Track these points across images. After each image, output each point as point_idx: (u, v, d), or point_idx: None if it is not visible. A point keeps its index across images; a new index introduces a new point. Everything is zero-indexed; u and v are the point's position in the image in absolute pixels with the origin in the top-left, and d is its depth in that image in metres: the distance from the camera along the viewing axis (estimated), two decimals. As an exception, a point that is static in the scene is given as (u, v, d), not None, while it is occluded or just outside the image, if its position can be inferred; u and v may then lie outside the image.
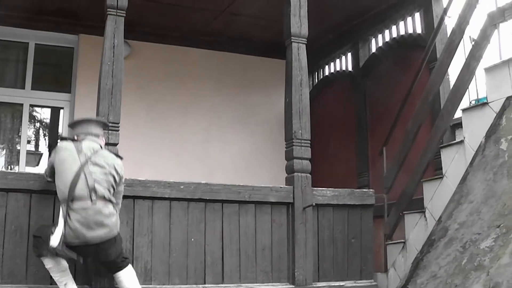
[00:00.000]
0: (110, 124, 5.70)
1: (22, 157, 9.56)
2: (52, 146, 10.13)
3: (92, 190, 4.99)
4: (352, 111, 9.31)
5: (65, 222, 4.93)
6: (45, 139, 10.50)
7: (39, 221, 5.43)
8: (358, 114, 9.21)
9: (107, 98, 5.77)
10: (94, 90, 6.07)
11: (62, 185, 5.04)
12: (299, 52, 6.59)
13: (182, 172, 7.78)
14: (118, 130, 5.77)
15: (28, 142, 9.85)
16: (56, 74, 10.23)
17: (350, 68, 9.87)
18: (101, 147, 5.37)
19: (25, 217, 5.42)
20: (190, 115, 9.75)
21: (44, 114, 10.50)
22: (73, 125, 5.56)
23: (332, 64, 10.48)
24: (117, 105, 5.79)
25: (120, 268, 5.16)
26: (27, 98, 9.50)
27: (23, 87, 9.43)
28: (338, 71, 10.24)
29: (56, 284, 5.25)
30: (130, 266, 5.24)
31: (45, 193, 5.47)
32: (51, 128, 10.39)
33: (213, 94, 10.08)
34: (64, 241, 4.89)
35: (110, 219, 5.04)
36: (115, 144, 5.72)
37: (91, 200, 4.97)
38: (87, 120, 5.45)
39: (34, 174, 5.60)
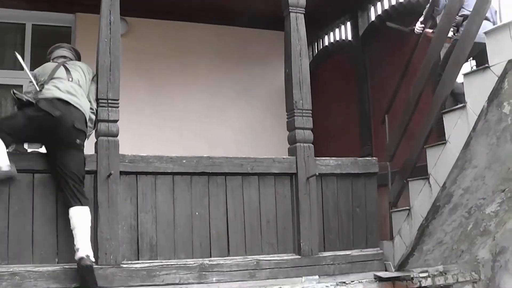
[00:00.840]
0: (110, 101, 5.66)
1: (23, 139, 9.51)
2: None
3: (69, 75, 5.55)
4: (353, 81, 9.21)
5: (37, 101, 5.33)
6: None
7: (43, 201, 5.40)
8: (359, 83, 9.12)
9: (106, 75, 5.70)
10: (92, 69, 6.03)
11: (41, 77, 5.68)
12: (298, 22, 6.47)
13: (184, 148, 7.70)
14: (118, 107, 5.70)
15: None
16: None
17: (349, 38, 9.74)
18: None
19: (29, 197, 5.38)
20: (190, 90, 9.68)
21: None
22: (49, 53, 6.08)
23: (331, 34, 10.36)
24: (115, 82, 5.72)
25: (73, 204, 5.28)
26: (27, 79, 9.39)
27: (21, 69, 9.33)
28: (337, 41, 10.12)
29: (61, 263, 5.32)
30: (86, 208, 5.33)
31: (48, 172, 5.43)
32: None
33: (212, 69, 10.00)
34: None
35: (84, 106, 5.45)
36: (116, 121, 5.66)
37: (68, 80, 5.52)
38: (58, 45, 6.08)
39: (37, 154, 5.53)
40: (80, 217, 5.28)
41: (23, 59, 8.29)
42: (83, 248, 5.20)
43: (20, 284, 5.16)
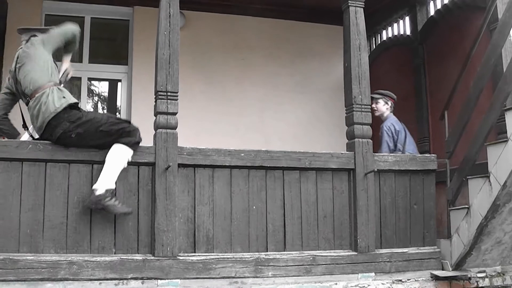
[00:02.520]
0: (169, 94, 5.58)
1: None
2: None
3: (26, 88, 5.42)
4: (410, 76, 8.96)
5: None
6: (104, 112, 10.42)
7: (101, 191, 5.35)
8: (416, 79, 8.86)
9: (165, 68, 5.61)
10: (150, 62, 6.00)
11: None
12: (357, 16, 6.28)
13: (240, 142, 7.53)
14: (177, 100, 5.61)
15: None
16: (112, 47, 10.13)
17: (408, 33, 9.46)
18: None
19: (88, 188, 5.33)
20: (246, 84, 9.57)
21: (102, 88, 10.44)
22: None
23: (389, 28, 10.08)
24: (174, 75, 5.63)
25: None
26: (85, 72, 9.41)
27: (80, 61, 9.33)
28: (395, 35, 9.84)
29: (117, 254, 5.32)
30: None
31: (106, 163, 5.38)
32: (110, 101, 10.31)
33: (268, 63, 9.84)
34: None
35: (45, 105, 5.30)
36: (175, 114, 5.58)
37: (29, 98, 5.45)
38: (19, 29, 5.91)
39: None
40: (115, 152, 5.29)
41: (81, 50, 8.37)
42: (100, 181, 5.21)
43: (77, 273, 5.15)
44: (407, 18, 9.52)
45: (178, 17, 5.74)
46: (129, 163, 5.39)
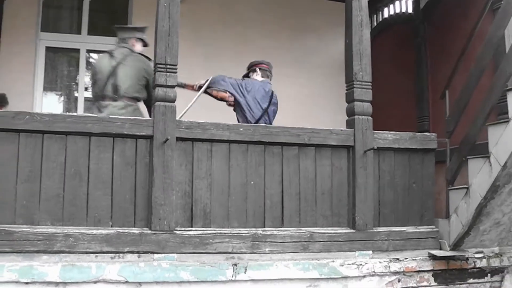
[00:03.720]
0: (168, 66, 5.45)
1: (80, 104, 9.38)
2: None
3: (115, 88, 6.25)
4: (411, 55, 8.83)
5: None
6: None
7: (98, 164, 5.26)
8: (417, 57, 8.74)
9: (164, 40, 5.47)
10: (150, 35, 5.86)
11: (97, 89, 6.41)
12: (359, -8, 6.15)
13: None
14: (176, 72, 5.48)
15: (86, 89, 9.65)
16: (111, 18, 9.91)
17: (410, 10, 9.31)
18: (132, 51, 6.56)
19: (85, 160, 5.24)
20: (245, 59, 9.38)
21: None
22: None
23: (391, 6, 9.92)
24: (174, 47, 5.49)
25: None
26: (84, 43, 9.26)
27: (79, 33, 9.18)
28: (397, 13, 9.69)
29: (114, 227, 5.23)
30: None
31: (104, 135, 5.29)
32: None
33: (268, 39, 9.66)
34: None
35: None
36: (173, 86, 5.45)
37: (114, 99, 6.26)
38: (117, 27, 6.77)
39: (93, 117, 5.35)
40: None
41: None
42: None
43: (73, 245, 5.07)
44: (409, -4, 9.37)
45: (178, -11, 5.61)
46: (127, 136, 5.30)
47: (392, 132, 6.15)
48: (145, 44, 6.68)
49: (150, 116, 5.79)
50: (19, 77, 8.71)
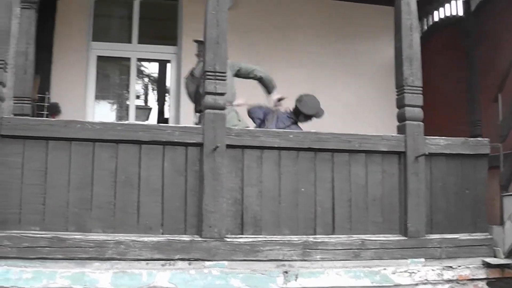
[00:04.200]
0: (217, 74, 5.32)
1: (132, 112, 9.34)
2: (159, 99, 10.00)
3: None
4: (462, 58, 8.51)
5: None
6: (153, 93, 10.27)
7: (149, 172, 5.16)
8: (469, 61, 8.42)
9: (213, 47, 5.34)
10: None
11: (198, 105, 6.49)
12: (409, -4, 5.95)
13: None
14: (225, 80, 5.35)
15: (137, 97, 9.63)
16: (161, 27, 9.88)
17: (460, 13, 9.02)
18: None
19: (135, 168, 5.15)
20: (294, 65, 9.26)
21: (151, 69, 10.26)
22: None
23: (441, 9, 9.62)
24: (222, 55, 5.36)
25: None
26: (134, 52, 9.22)
27: (129, 42, 9.14)
28: (447, 16, 9.40)
29: (164, 234, 5.12)
30: None
31: (154, 143, 5.19)
32: (159, 82, 10.13)
33: (317, 44, 9.44)
34: None
35: None
36: (223, 94, 5.31)
37: None
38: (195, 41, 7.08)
39: (143, 125, 5.27)
40: None
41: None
42: None
43: (125, 253, 4.97)
44: (460, -1, 9.07)
45: (226, -4, 5.49)
46: (177, 143, 5.20)
47: (443, 137, 5.91)
48: None
49: None
50: (71, 86, 8.69)
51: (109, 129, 5.10)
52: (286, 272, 5.23)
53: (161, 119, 10.38)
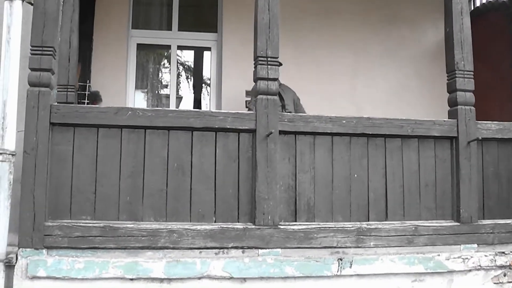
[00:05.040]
0: (269, 59, 5.00)
1: (172, 101, 9.03)
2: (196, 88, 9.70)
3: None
4: (507, 44, 8.16)
5: None
6: (187, 82, 9.96)
7: (201, 159, 4.87)
8: (512, 45, 8.11)
9: (264, 33, 5.02)
10: (241, 28, 5.54)
11: None
12: (458, -21, 5.60)
13: (331, 108, 6.88)
14: (277, 65, 5.02)
15: (165, 86, 9.34)
16: (202, 14, 9.47)
17: (500, -1, 8.65)
18: None
19: (187, 155, 4.86)
20: (336, 50, 8.86)
21: (187, 57, 9.92)
22: None
23: (482, -6, 9.27)
24: (274, 40, 5.03)
25: None
26: (175, 40, 8.88)
27: (170, 29, 8.82)
28: (490, 1, 9.03)
29: (217, 222, 4.87)
30: None
31: (206, 130, 4.89)
32: (195, 71, 9.81)
33: (358, 29, 9.00)
34: None
35: None
36: (275, 79, 4.99)
37: None
38: None
39: (194, 111, 4.95)
40: None
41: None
42: None
43: (177, 241, 4.70)
44: (501, -17, 8.67)
45: (277, -20, 5.16)
46: (229, 130, 4.90)
47: (495, 122, 5.57)
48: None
49: None
50: (111, 74, 8.37)
51: (160, 116, 4.80)
52: (340, 259, 4.94)
53: (197, 108, 10.05)
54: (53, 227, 4.57)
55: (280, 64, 5.07)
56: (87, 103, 7.20)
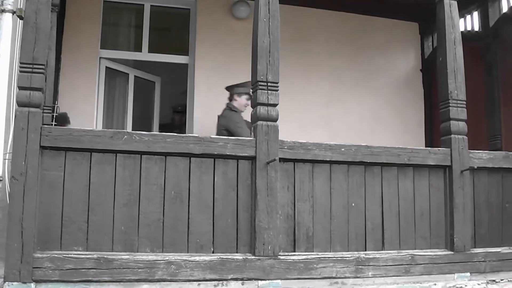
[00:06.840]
0: (269, 84, 4.67)
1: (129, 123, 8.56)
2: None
3: None
4: (480, 72, 8.04)
5: None
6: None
7: (200, 186, 4.48)
8: (487, 75, 7.93)
9: (265, 56, 4.69)
10: (213, 52, 5.11)
11: None
12: (451, 10, 5.38)
13: (305, 135, 6.59)
14: (277, 90, 4.70)
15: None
16: (172, 36, 9.01)
17: (476, 29, 8.52)
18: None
19: (185, 182, 4.46)
20: (311, 77, 8.57)
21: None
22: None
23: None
24: (275, 64, 4.72)
25: None
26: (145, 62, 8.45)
27: (140, 51, 8.36)
28: (462, 31, 8.91)
29: (216, 253, 4.48)
30: None
31: (205, 156, 4.51)
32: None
33: (333, 57, 8.71)
34: None
35: None
36: (275, 105, 4.67)
37: None
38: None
39: (194, 136, 4.56)
40: None
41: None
42: None
43: (176, 273, 4.30)
44: (475, 14, 8.51)
45: (277, 4, 4.83)
46: (229, 156, 4.53)
47: (486, 151, 5.42)
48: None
49: None
50: (79, 96, 7.83)
51: (158, 141, 4.40)
52: (340, 290, 4.62)
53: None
54: (43, 258, 4.10)
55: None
56: (55, 125, 6.60)
